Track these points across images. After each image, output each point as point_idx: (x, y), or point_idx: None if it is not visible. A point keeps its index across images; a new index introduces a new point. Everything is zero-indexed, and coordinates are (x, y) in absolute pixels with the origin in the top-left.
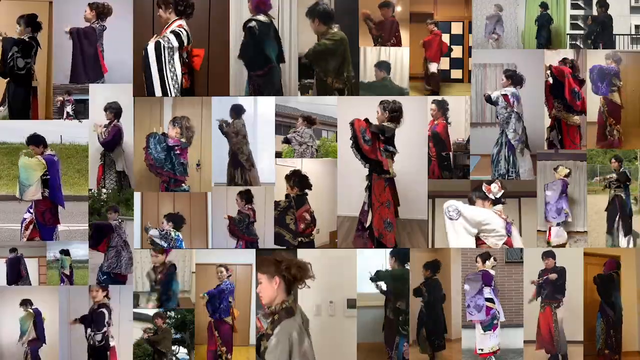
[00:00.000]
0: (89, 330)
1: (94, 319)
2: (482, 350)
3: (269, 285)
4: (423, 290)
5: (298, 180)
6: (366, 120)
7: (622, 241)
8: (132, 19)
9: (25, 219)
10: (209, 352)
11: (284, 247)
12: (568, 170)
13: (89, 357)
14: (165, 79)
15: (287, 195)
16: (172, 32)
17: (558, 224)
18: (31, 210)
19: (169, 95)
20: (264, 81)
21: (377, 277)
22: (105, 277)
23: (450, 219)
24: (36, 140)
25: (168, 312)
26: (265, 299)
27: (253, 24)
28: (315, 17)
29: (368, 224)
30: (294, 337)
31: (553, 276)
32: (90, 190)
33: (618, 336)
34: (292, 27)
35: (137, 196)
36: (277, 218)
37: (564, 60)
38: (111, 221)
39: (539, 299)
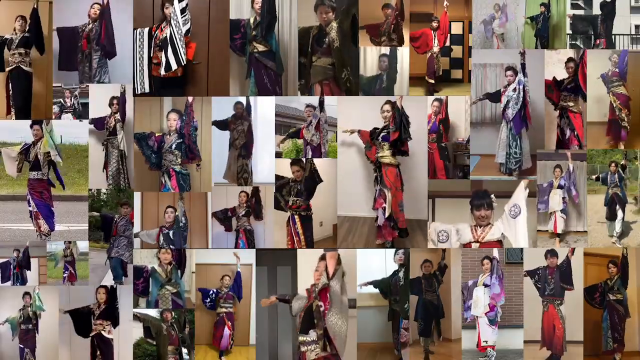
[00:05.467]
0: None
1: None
2: (486, 342)
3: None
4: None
5: None
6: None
7: (617, 226)
8: (132, 16)
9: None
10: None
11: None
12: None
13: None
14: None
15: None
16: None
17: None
18: (31, 202)
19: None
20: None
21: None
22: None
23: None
24: None
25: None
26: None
27: None
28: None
29: (388, 213)
30: None
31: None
32: (90, 190)
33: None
34: (292, 31)
35: (137, 196)
36: None
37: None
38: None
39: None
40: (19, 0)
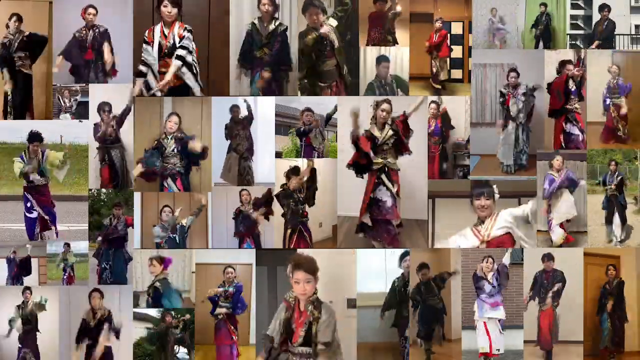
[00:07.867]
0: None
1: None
2: (498, 350)
3: (314, 282)
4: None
5: None
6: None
7: (617, 231)
8: (132, 18)
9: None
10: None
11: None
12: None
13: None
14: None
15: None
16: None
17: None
18: (35, 208)
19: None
20: None
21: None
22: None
23: None
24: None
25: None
26: (310, 293)
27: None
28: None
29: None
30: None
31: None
32: (90, 190)
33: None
34: (291, 33)
35: (137, 196)
36: None
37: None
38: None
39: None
40: (19, 0)
